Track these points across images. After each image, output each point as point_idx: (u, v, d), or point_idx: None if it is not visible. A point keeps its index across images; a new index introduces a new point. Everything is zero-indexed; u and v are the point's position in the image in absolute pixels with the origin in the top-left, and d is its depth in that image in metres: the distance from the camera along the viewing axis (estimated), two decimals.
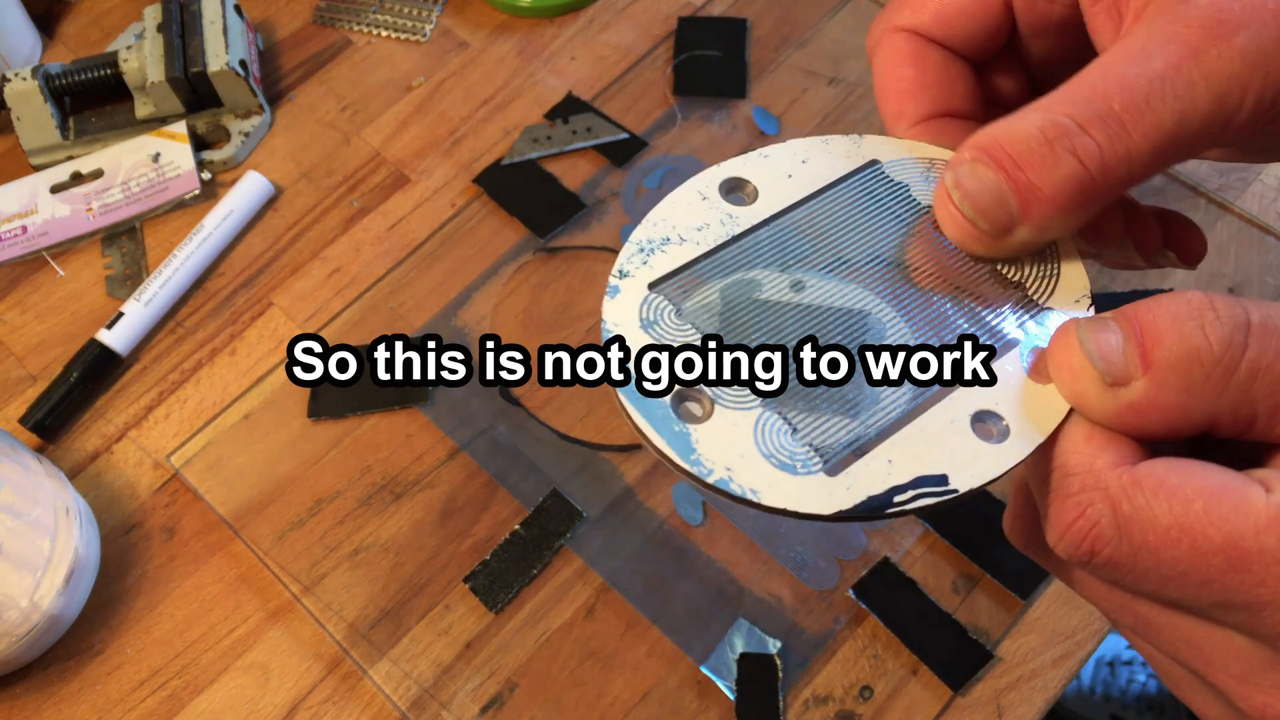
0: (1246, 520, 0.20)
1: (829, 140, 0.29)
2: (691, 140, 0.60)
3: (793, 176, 0.29)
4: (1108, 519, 0.22)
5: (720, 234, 0.28)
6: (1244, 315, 0.21)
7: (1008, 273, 0.27)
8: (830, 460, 0.24)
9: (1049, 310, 0.26)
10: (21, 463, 0.48)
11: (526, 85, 0.63)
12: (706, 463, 0.24)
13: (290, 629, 0.49)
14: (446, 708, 0.46)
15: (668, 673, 0.47)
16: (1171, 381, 0.21)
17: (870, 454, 0.24)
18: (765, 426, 0.25)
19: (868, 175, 0.29)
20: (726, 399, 0.25)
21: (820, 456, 0.24)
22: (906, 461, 0.24)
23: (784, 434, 0.25)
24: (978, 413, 0.25)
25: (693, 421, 0.25)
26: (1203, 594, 0.21)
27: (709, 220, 0.28)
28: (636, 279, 0.27)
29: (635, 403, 0.25)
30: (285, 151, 0.62)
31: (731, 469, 0.24)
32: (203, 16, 0.62)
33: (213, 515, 0.52)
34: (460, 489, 0.51)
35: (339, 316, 0.56)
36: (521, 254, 0.57)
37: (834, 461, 0.24)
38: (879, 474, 0.24)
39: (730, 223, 0.28)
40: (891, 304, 0.27)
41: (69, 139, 0.63)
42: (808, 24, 0.64)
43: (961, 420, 0.25)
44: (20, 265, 0.60)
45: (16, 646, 0.46)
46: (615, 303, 0.27)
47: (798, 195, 0.29)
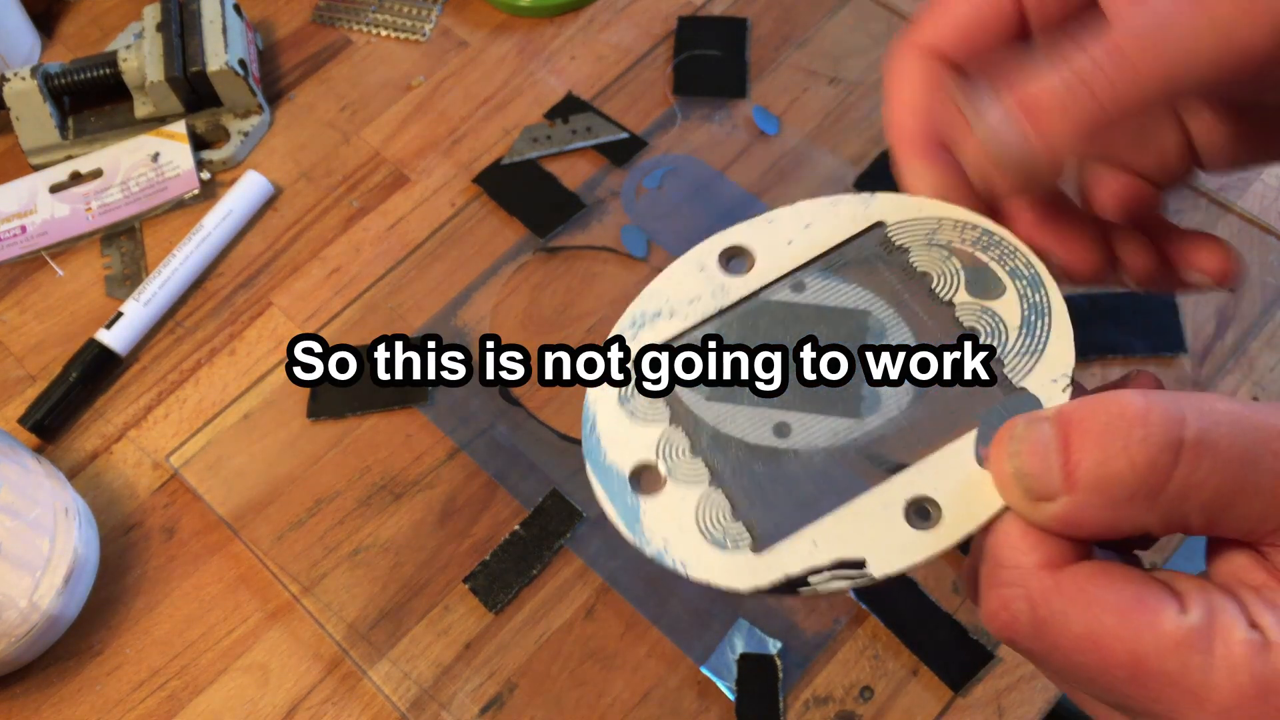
0: (1151, 641, 0.21)
1: (839, 201, 0.29)
2: (691, 140, 0.60)
3: (793, 243, 0.29)
4: (1026, 617, 0.23)
5: (709, 307, 0.29)
6: (1177, 433, 0.21)
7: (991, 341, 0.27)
8: (760, 541, 0.25)
9: (1018, 393, 0.26)
10: (21, 463, 0.48)
11: (526, 85, 0.63)
12: (648, 534, 0.26)
13: (290, 629, 0.49)
14: (446, 708, 0.46)
15: (668, 673, 0.47)
16: (1093, 501, 0.22)
17: (797, 534, 0.25)
18: (708, 503, 0.26)
19: (867, 241, 0.29)
20: (680, 474, 0.27)
21: (751, 536, 0.25)
22: (830, 544, 0.25)
23: (724, 512, 0.26)
24: (913, 499, 0.25)
25: (646, 494, 0.26)
26: (1107, 695, 0.23)
27: (701, 292, 0.29)
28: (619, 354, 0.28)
29: (598, 473, 0.27)
30: (285, 151, 0.62)
31: (668, 541, 0.26)
32: (202, 16, 0.62)
33: (212, 515, 0.52)
34: (460, 489, 0.51)
35: (339, 316, 0.56)
36: (521, 254, 0.57)
37: (763, 542, 0.25)
38: (802, 554, 0.25)
39: (720, 295, 0.29)
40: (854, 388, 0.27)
41: (68, 139, 0.63)
42: (808, 24, 0.64)
43: (895, 506, 0.25)
44: (19, 265, 0.60)
45: (16, 647, 0.46)
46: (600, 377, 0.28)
47: (794, 263, 0.29)
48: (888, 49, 0.29)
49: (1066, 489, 0.22)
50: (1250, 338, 0.52)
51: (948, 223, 0.29)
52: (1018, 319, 0.27)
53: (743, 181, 0.58)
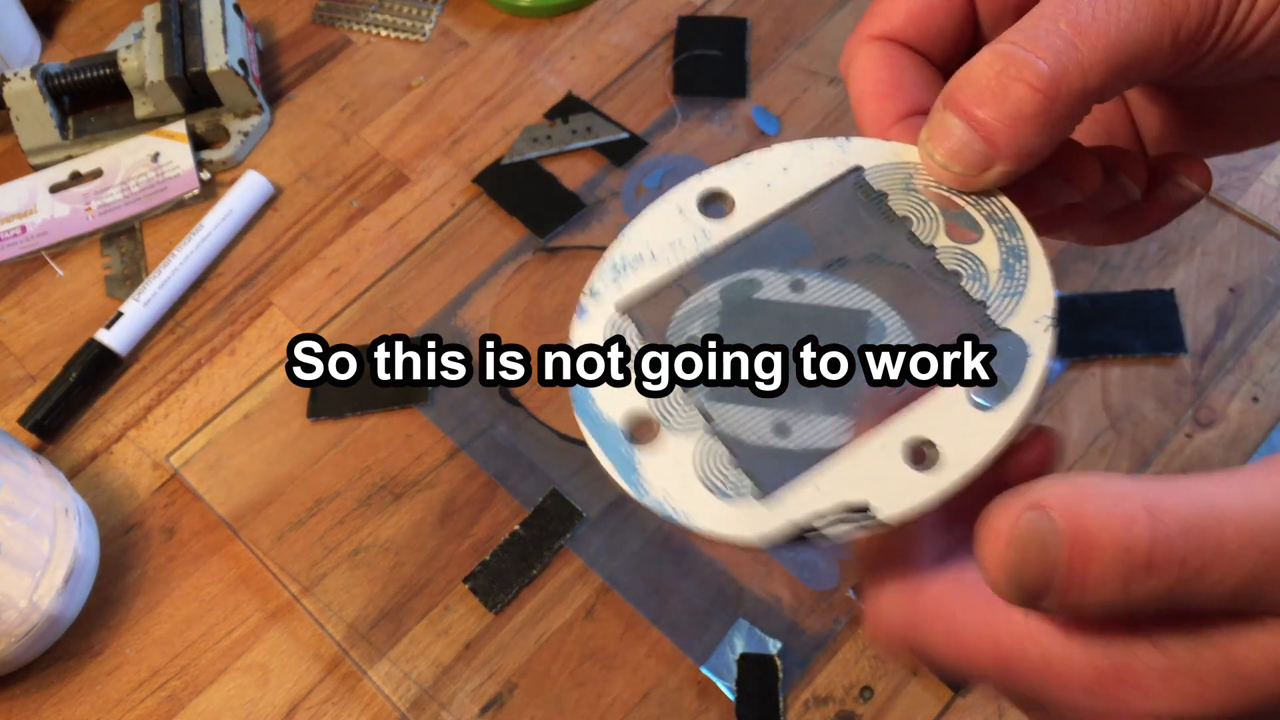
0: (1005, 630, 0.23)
1: (814, 145, 0.29)
2: (691, 140, 0.60)
3: (772, 186, 0.29)
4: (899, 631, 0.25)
5: (692, 251, 0.28)
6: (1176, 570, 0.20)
7: (973, 289, 0.27)
8: (764, 488, 0.25)
9: (1005, 333, 0.26)
10: (21, 463, 0.48)
11: (526, 85, 0.63)
12: (645, 484, 0.25)
13: (290, 629, 0.49)
14: (446, 708, 0.46)
15: (668, 673, 0.47)
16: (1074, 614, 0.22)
17: (799, 480, 0.25)
18: (707, 452, 0.25)
19: (846, 184, 0.29)
20: (674, 421, 0.26)
21: (754, 483, 0.25)
22: (834, 489, 0.25)
23: (723, 460, 0.25)
24: (911, 439, 0.25)
25: (641, 444, 0.26)
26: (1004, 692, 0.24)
27: (682, 236, 0.29)
28: (605, 299, 0.27)
29: (588, 422, 0.26)
30: (285, 151, 0.62)
31: (668, 492, 0.25)
32: (202, 16, 0.62)
33: (212, 515, 0.51)
34: (460, 489, 0.51)
35: (339, 316, 0.56)
36: (521, 254, 0.57)
37: (766, 489, 0.25)
38: (806, 501, 0.24)
39: (702, 239, 0.28)
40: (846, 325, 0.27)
41: (68, 139, 0.63)
42: (808, 24, 0.64)
43: (894, 447, 0.25)
44: (19, 265, 0.60)
45: (16, 647, 0.46)
46: (582, 324, 0.27)
47: (774, 207, 0.29)
48: (845, 45, 0.30)
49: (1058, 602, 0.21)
50: (1250, 338, 0.52)
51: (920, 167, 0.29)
52: (997, 262, 0.27)
53: None
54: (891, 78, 0.28)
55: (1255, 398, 0.51)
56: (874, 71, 0.29)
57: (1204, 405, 0.51)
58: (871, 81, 0.29)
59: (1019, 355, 0.26)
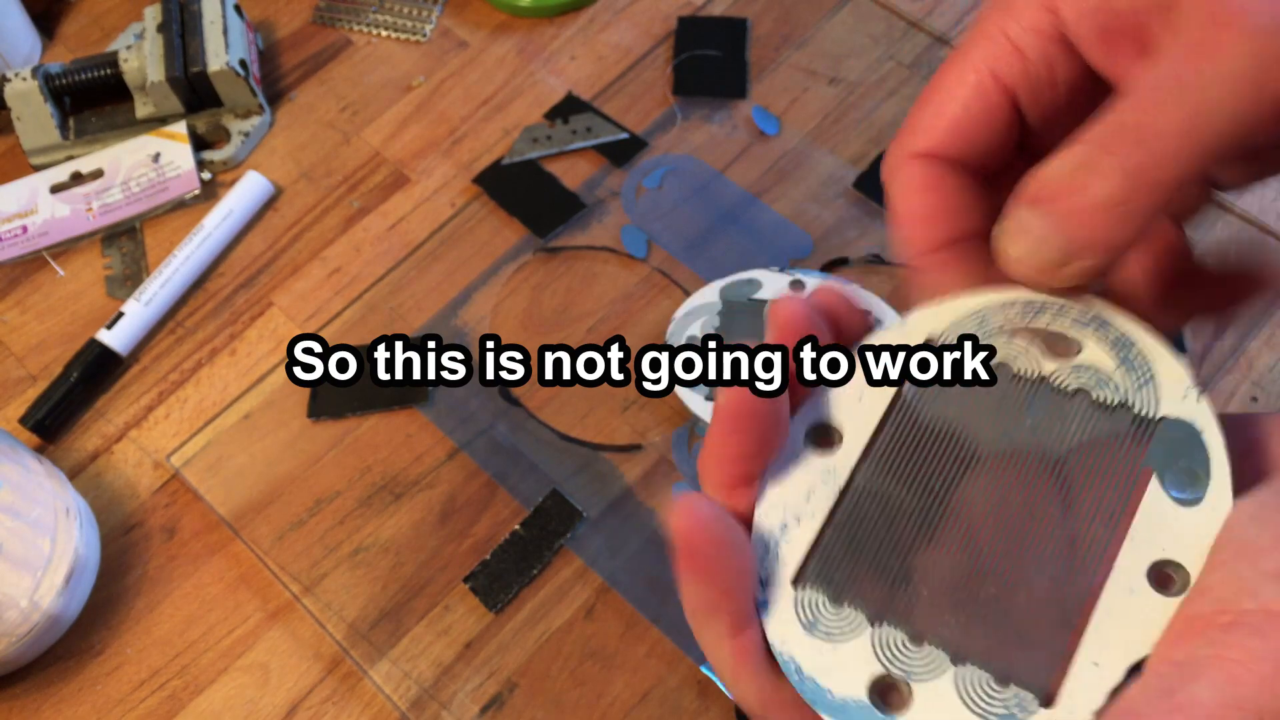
0: None
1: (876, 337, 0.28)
2: (691, 140, 0.60)
3: (862, 398, 0.27)
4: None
5: (828, 495, 0.26)
6: None
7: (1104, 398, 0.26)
8: (1046, 694, 0.23)
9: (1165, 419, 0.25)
10: (21, 463, 0.48)
11: (526, 85, 0.63)
12: None
13: (290, 629, 0.49)
14: (446, 708, 0.46)
15: (668, 673, 0.47)
16: None
17: (1075, 665, 0.23)
18: (967, 684, 0.23)
19: None
20: (918, 673, 0.24)
21: (1034, 694, 0.23)
22: (1109, 654, 0.22)
23: (987, 683, 0.23)
24: (1151, 568, 0.23)
25: (897, 710, 0.23)
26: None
27: (811, 484, 0.26)
28: (776, 582, 0.25)
29: (838, 715, 0.24)
30: (285, 151, 0.62)
31: None
32: (203, 16, 0.62)
33: (212, 515, 0.52)
34: (460, 489, 0.51)
35: (339, 316, 0.56)
36: (521, 254, 0.57)
37: (1048, 693, 0.23)
38: (1092, 683, 0.22)
39: (830, 478, 0.26)
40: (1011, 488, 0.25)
41: (69, 139, 0.63)
42: (808, 24, 0.64)
43: (1139, 583, 0.23)
44: (20, 265, 0.60)
45: (16, 646, 0.46)
46: (773, 618, 0.25)
47: (878, 414, 0.27)
48: (884, 157, 0.28)
49: None
50: (1250, 338, 0.52)
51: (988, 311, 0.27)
52: (1110, 360, 0.26)
53: (742, 181, 0.58)
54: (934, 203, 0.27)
55: (1254, 398, 0.51)
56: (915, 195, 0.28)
57: None
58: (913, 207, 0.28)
59: (1191, 436, 0.25)
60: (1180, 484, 0.24)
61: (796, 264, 0.55)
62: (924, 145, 0.28)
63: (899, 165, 0.28)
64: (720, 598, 0.24)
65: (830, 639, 0.24)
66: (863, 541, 0.25)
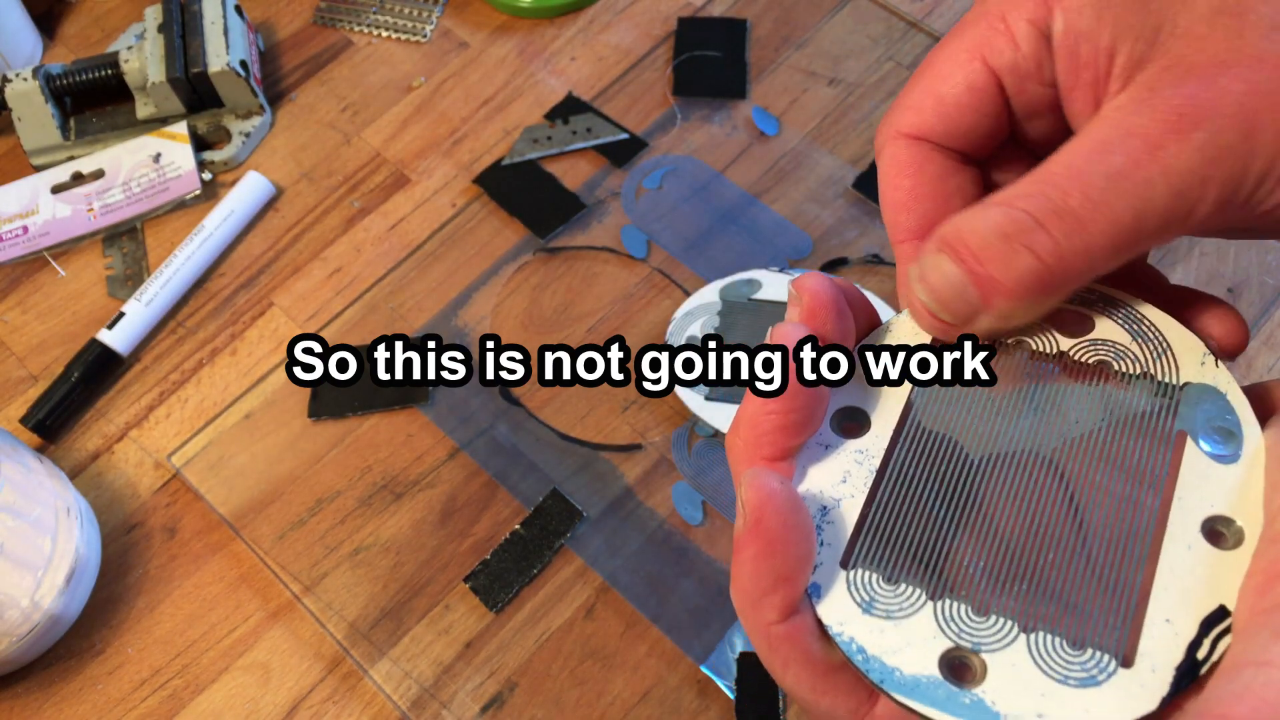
0: None
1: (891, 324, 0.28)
2: (691, 140, 0.60)
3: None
4: None
5: (865, 476, 0.26)
6: None
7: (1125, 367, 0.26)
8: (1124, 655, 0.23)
9: (1189, 384, 0.26)
10: (22, 463, 0.48)
11: (526, 85, 0.63)
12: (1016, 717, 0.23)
13: (291, 629, 0.49)
14: (447, 707, 0.47)
15: (668, 673, 0.47)
16: None
17: (1146, 624, 0.23)
18: (1041, 651, 0.23)
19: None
20: (988, 644, 0.24)
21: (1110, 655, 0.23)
22: (1180, 610, 0.23)
23: (1062, 648, 0.23)
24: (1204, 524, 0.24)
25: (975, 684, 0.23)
26: None
27: (846, 468, 0.26)
28: (823, 564, 0.25)
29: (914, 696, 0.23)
30: (286, 152, 0.62)
31: (1043, 712, 0.22)
32: (203, 17, 0.62)
33: (213, 515, 0.52)
34: (460, 489, 0.51)
35: (339, 316, 0.56)
36: (521, 254, 0.57)
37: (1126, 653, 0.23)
38: (1168, 640, 0.23)
39: (864, 460, 0.26)
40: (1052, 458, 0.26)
41: (70, 139, 0.63)
42: (808, 24, 0.64)
43: (1195, 539, 0.24)
44: (21, 265, 0.60)
45: (17, 646, 0.46)
46: (827, 601, 0.25)
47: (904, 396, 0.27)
48: (876, 134, 0.28)
49: None
50: (1250, 338, 0.52)
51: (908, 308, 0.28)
52: (1125, 335, 0.26)
53: (742, 182, 0.58)
54: (913, 186, 0.27)
55: None
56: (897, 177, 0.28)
57: None
58: (894, 189, 0.28)
59: (1217, 397, 0.25)
60: (1215, 443, 0.25)
61: (796, 264, 0.55)
62: (911, 125, 0.28)
63: (885, 142, 0.28)
64: (778, 579, 0.24)
65: (891, 618, 0.24)
66: (908, 520, 0.25)
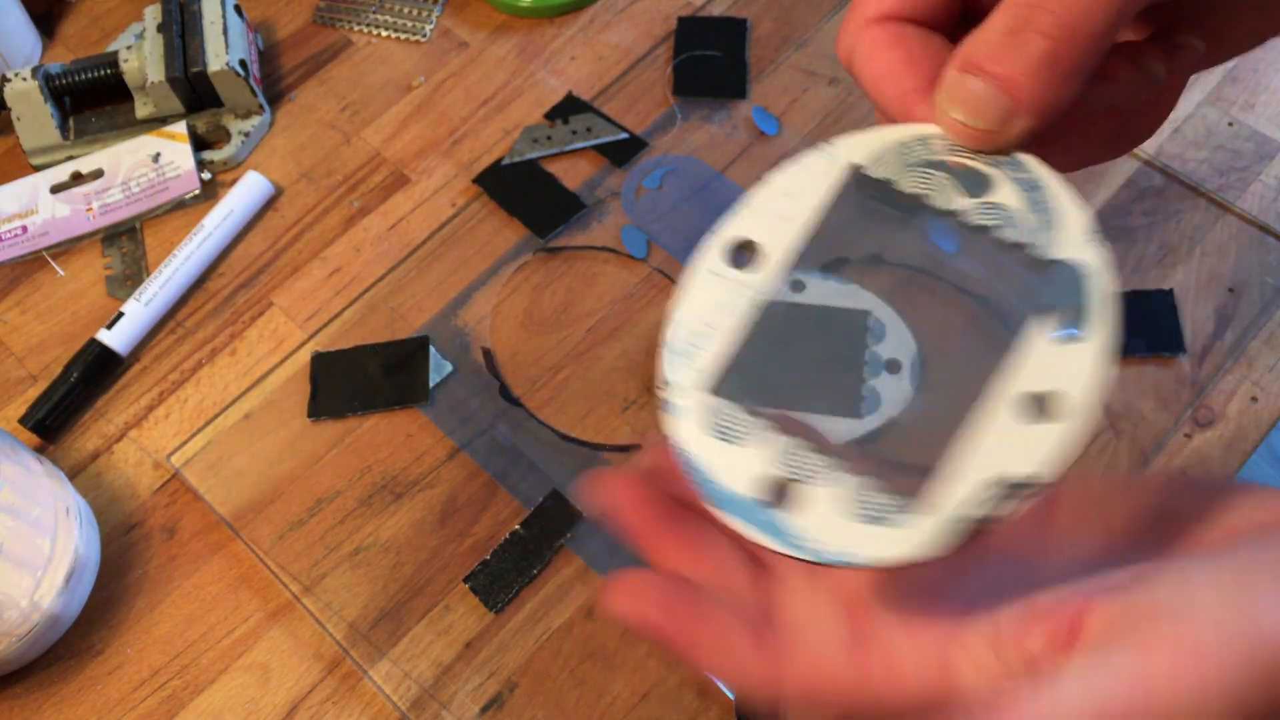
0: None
1: (802, 162, 0.29)
2: (691, 140, 0.60)
3: (786, 217, 0.29)
4: None
5: (744, 310, 0.28)
6: None
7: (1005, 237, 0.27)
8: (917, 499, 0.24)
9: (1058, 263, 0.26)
10: (21, 463, 0.48)
11: (526, 85, 0.63)
12: (813, 545, 0.24)
13: (290, 629, 0.49)
14: (446, 708, 0.46)
15: (668, 673, 0.47)
16: None
17: (951, 479, 0.24)
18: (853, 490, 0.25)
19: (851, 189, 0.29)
20: (808, 476, 0.25)
21: (907, 499, 0.24)
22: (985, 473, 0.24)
23: (872, 489, 0.25)
24: (1022, 396, 0.25)
25: (783, 509, 0.25)
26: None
27: (727, 299, 0.28)
28: (686, 388, 0.27)
29: (723, 507, 0.25)
30: (285, 151, 0.62)
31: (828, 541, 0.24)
32: (203, 16, 0.62)
33: (213, 515, 0.52)
34: (460, 489, 0.51)
35: (339, 316, 0.56)
36: (521, 254, 0.57)
37: (923, 500, 0.24)
38: (965, 496, 0.24)
39: (745, 293, 0.28)
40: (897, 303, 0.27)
41: (69, 139, 0.63)
42: (808, 24, 0.64)
43: (1017, 410, 0.25)
44: (20, 265, 0.60)
45: (17, 646, 0.46)
46: (679, 419, 0.26)
47: (799, 237, 0.28)
48: (838, 40, 0.29)
49: None
50: (1249, 338, 0.52)
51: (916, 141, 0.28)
52: (1020, 201, 0.27)
53: (743, 182, 0.58)
54: (903, 55, 0.28)
55: (1254, 398, 0.51)
56: (883, 52, 0.28)
57: (1203, 405, 0.51)
58: (884, 63, 0.28)
59: (1079, 279, 0.26)
60: (1063, 323, 0.25)
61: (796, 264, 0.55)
62: (878, 10, 0.28)
63: (860, 32, 0.29)
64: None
65: (733, 443, 0.26)
66: (776, 358, 0.27)
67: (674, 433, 0.26)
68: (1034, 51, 0.24)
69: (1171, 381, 0.51)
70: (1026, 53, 0.24)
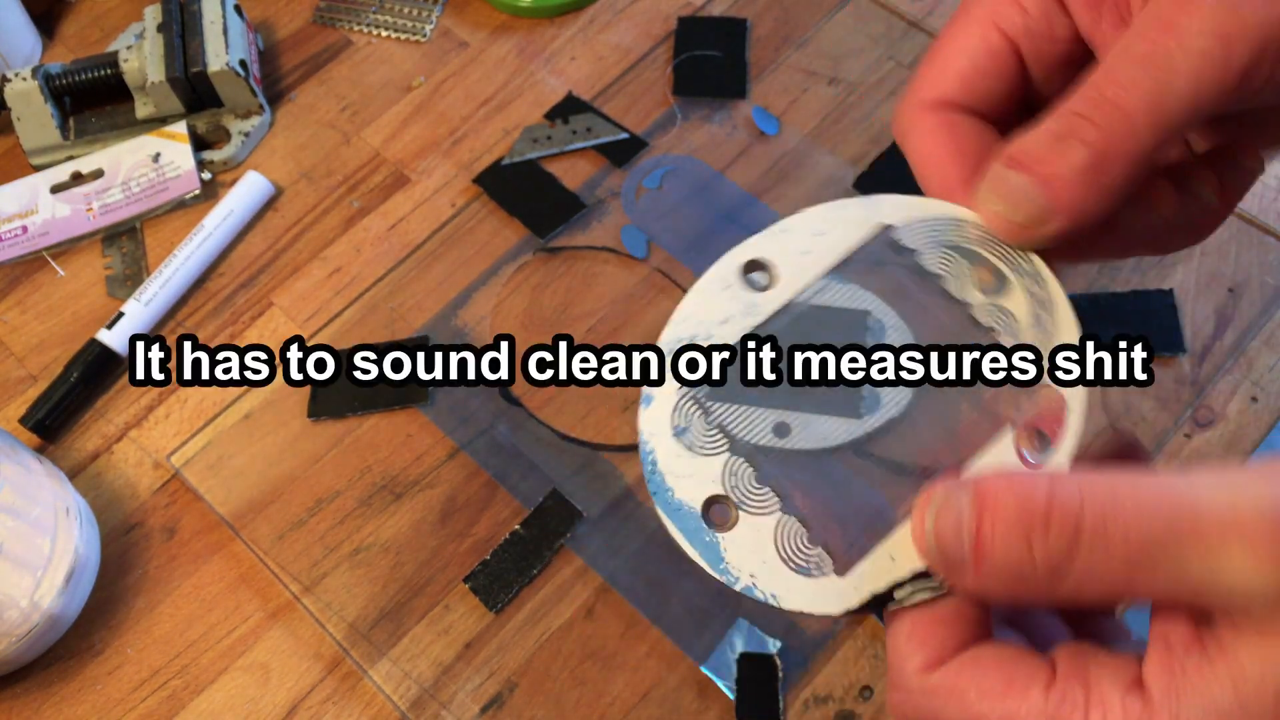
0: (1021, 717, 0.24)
1: (845, 206, 0.30)
2: (691, 140, 0.60)
3: (809, 252, 0.29)
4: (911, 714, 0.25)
5: (743, 326, 0.29)
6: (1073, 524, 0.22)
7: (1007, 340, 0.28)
8: (842, 564, 0.26)
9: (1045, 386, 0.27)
10: (21, 463, 0.48)
11: (526, 85, 0.63)
12: (734, 571, 0.26)
13: (290, 629, 0.49)
14: (446, 708, 0.46)
15: (668, 673, 0.47)
16: (996, 584, 0.23)
17: (875, 552, 0.26)
18: (784, 531, 0.26)
19: (878, 245, 0.29)
20: (751, 504, 0.27)
21: (833, 559, 0.26)
22: (907, 556, 0.25)
23: (801, 538, 0.26)
24: None
25: (721, 529, 0.27)
26: None
27: (732, 312, 0.29)
28: (670, 382, 0.28)
29: (670, 515, 0.27)
30: (285, 151, 0.62)
31: (755, 576, 0.26)
32: (203, 16, 0.62)
33: (213, 515, 0.52)
34: (460, 489, 0.51)
35: (339, 316, 0.56)
36: (521, 254, 0.57)
37: (845, 564, 0.26)
38: (883, 571, 0.25)
39: (751, 312, 0.29)
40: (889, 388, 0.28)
41: (69, 139, 0.63)
42: (808, 24, 0.64)
43: None
44: (20, 265, 0.60)
45: (16, 646, 0.46)
46: (653, 410, 0.28)
47: (813, 273, 0.29)
48: (894, 115, 0.30)
49: (974, 569, 0.23)
50: (1249, 338, 0.52)
51: (952, 223, 0.29)
52: (1027, 314, 0.28)
53: (743, 182, 0.58)
54: (953, 146, 0.29)
55: (1254, 398, 0.51)
56: (934, 139, 0.29)
57: (1203, 405, 0.51)
58: (933, 150, 0.29)
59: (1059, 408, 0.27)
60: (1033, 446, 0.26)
61: None
62: (936, 95, 0.29)
63: (915, 115, 0.30)
64: None
65: (691, 449, 0.27)
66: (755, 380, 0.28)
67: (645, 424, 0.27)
68: (1076, 159, 0.25)
69: (1171, 381, 0.51)
70: (1069, 158, 0.25)
